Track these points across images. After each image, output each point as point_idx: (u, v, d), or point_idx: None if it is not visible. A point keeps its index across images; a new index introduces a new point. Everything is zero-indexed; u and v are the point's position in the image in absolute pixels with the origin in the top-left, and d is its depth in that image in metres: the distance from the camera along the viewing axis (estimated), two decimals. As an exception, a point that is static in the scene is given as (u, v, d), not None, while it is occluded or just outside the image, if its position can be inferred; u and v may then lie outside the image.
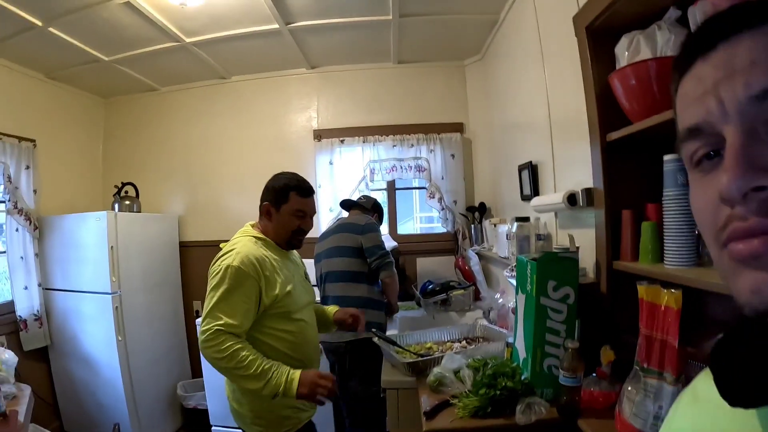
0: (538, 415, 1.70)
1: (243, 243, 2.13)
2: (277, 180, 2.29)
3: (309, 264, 2.96)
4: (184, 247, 4.70)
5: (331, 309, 2.61)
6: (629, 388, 1.51)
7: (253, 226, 2.32)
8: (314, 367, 2.20)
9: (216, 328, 1.90)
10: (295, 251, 2.44)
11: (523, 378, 1.89)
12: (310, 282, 2.48)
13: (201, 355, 2.02)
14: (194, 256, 4.68)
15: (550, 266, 1.83)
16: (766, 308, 0.45)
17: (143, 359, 4.04)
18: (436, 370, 2.14)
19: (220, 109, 4.71)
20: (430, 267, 4.31)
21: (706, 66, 0.50)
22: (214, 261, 2.11)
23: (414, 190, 4.98)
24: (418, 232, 5.13)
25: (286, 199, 2.22)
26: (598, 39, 1.88)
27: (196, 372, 4.58)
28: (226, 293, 1.96)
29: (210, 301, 1.98)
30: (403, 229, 4.90)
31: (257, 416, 2.09)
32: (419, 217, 5.48)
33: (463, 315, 3.49)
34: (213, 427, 3.91)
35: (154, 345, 4.23)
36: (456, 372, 2.09)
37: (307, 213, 2.28)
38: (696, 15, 1.32)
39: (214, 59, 4.19)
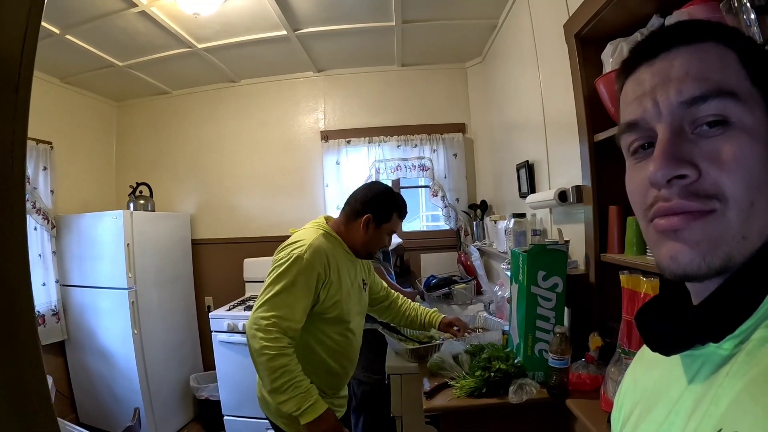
0: (529, 395, 1.82)
1: (315, 236, 2.06)
2: (384, 196, 2.22)
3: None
4: (196, 244, 4.83)
5: (436, 315, 2.62)
6: (612, 370, 1.64)
7: (327, 220, 2.25)
8: (349, 376, 2.23)
9: (275, 319, 1.86)
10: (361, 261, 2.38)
11: (516, 362, 2.01)
12: (365, 290, 2.40)
13: (247, 340, 1.92)
14: (206, 253, 4.83)
15: (540, 257, 1.95)
16: (681, 273, 0.58)
17: (157, 352, 4.17)
18: (436, 355, 2.26)
19: (230, 112, 4.84)
20: (433, 262, 4.45)
21: (647, 71, 0.62)
22: (281, 248, 2.05)
23: (420, 189, 5.07)
24: (425, 229, 5.23)
25: (389, 218, 2.18)
26: (586, 45, 2.01)
27: (208, 365, 4.74)
28: (290, 284, 1.91)
29: (272, 288, 1.91)
30: (410, 226, 5.02)
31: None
32: (426, 216, 5.56)
33: (465, 308, 3.59)
34: (225, 417, 4.05)
35: (168, 339, 4.35)
36: (455, 357, 2.21)
37: (395, 233, 2.29)
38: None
39: (225, 64, 4.31)
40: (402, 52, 4.29)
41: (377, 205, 2.16)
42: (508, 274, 2.46)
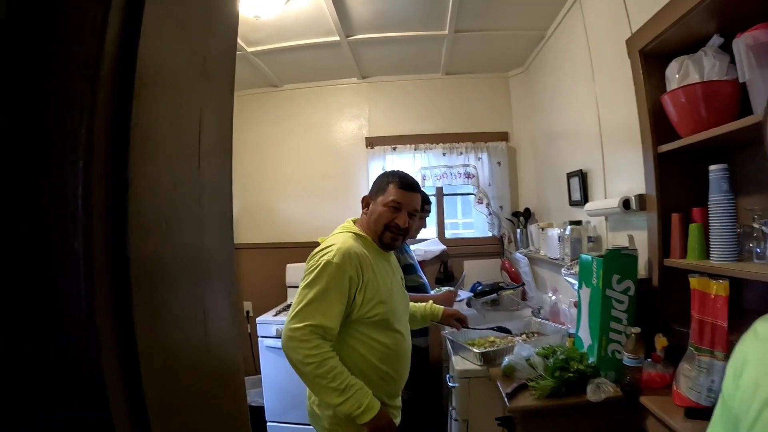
0: (606, 394, 1.99)
1: (344, 239, 2.07)
2: (381, 175, 2.28)
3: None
4: (237, 248, 4.91)
5: (438, 307, 2.64)
6: (685, 366, 1.82)
7: (354, 222, 2.26)
8: (403, 380, 2.23)
9: (310, 328, 1.86)
10: (392, 254, 2.38)
11: (590, 362, 2.19)
12: (404, 287, 2.41)
13: (285, 354, 1.94)
14: (247, 258, 4.96)
15: (615, 262, 2.15)
16: None
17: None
18: (508, 358, 2.40)
19: (272, 116, 5.01)
20: (476, 269, 4.60)
21: None
22: (311, 256, 2.04)
23: (457, 196, 5.26)
24: (459, 236, 5.38)
25: (384, 190, 2.15)
26: (649, 61, 2.20)
27: (248, 370, 4.89)
28: (322, 292, 1.90)
29: (304, 297, 1.91)
30: (450, 233, 5.15)
31: (337, 424, 2.03)
32: (460, 223, 5.73)
33: (512, 314, 3.78)
34: (269, 423, 4.13)
35: (210, 343, 4.50)
36: (527, 359, 2.35)
37: (403, 206, 2.14)
38: (740, 47, 1.63)
39: (269, 68, 4.47)
40: (448, 61, 4.44)
41: (374, 183, 2.25)
42: (569, 280, 2.66)
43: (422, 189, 3.15)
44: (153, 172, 0.61)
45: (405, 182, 2.18)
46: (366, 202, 2.24)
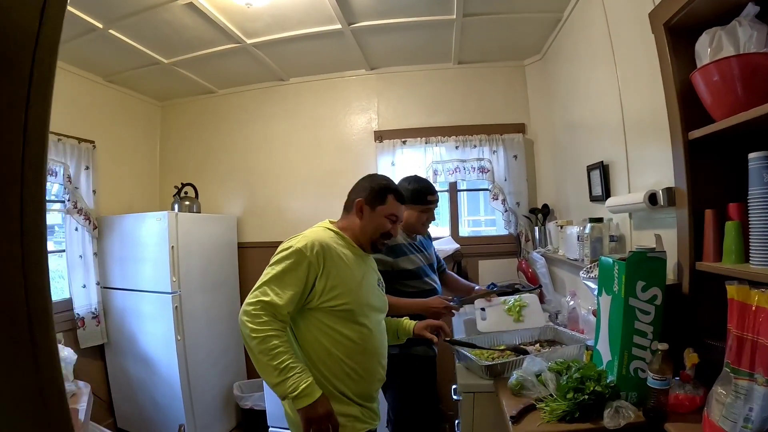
0: (626, 420, 1.74)
1: (315, 231, 2.16)
2: (373, 180, 2.31)
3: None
4: (242, 248, 4.91)
5: (407, 321, 2.56)
6: (719, 390, 1.54)
7: (332, 222, 2.31)
8: (375, 379, 2.20)
9: (262, 304, 1.91)
10: (371, 257, 2.40)
11: (608, 381, 1.93)
12: (383, 290, 2.41)
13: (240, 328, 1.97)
14: (252, 257, 4.89)
15: (639, 266, 1.88)
16: None
17: (200, 359, 4.22)
18: (517, 373, 2.18)
19: (278, 111, 4.90)
20: (492, 269, 4.42)
21: None
22: (282, 243, 2.12)
23: (462, 192, 5.05)
24: (467, 234, 5.17)
25: (384, 200, 2.23)
26: (676, 36, 1.94)
27: (252, 373, 4.80)
28: (281, 273, 1.97)
29: (264, 277, 2.00)
30: (461, 231, 4.96)
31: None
32: (467, 221, 5.51)
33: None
34: (270, 428, 4.06)
35: (212, 345, 4.40)
36: (537, 375, 2.13)
37: (398, 219, 2.30)
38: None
39: (274, 61, 4.35)
40: (459, 49, 4.27)
41: (366, 188, 2.26)
42: (588, 284, 2.40)
43: (430, 182, 3.12)
44: None
45: (401, 195, 2.31)
46: (361, 206, 2.24)
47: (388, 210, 2.24)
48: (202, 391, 4.22)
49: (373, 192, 2.24)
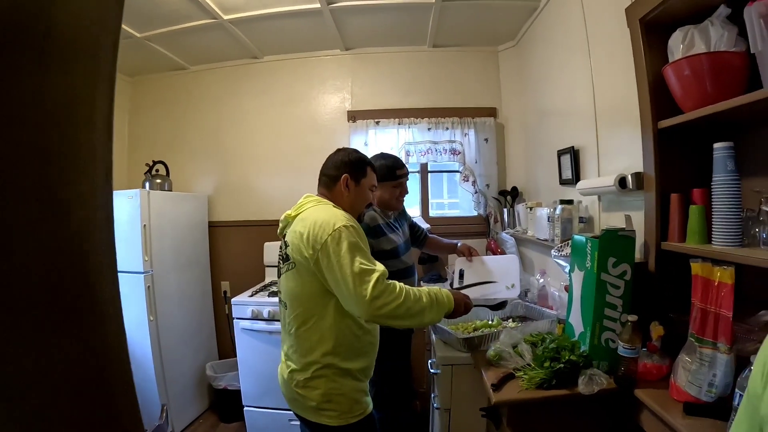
0: (600, 386, 1.89)
1: (330, 210, 2.08)
2: (349, 154, 2.31)
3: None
4: (213, 227, 4.90)
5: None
6: (685, 358, 1.73)
7: (322, 197, 2.25)
8: (377, 351, 2.25)
9: (375, 279, 1.85)
10: None
11: (581, 351, 2.08)
12: None
13: (376, 320, 1.90)
14: (223, 236, 4.90)
15: (611, 244, 2.04)
16: None
17: (173, 340, 4.21)
18: (495, 345, 2.31)
19: (252, 90, 4.89)
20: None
21: None
22: (310, 238, 1.96)
23: (443, 174, 5.17)
24: (445, 215, 5.29)
25: (364, 173, 2.29)
26: (650, 31, 2.08)
27: (223, 353, 4.85)
28: (354, 248, 1.91)
29: (348, 265, 1.88)
30: (431, 212, 5.07)
31: (328, 400, 2.01)
32: (433, 203, 5.60)
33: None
34: (245, 408, 4.03)
35: (184, 325, 4.40)
36: (514, 347, 2.26)
37: (375, 187, 2.40)
38: (752, 15, 1.51)
39: (249, 38, 4.34)
40: (435, 33, 4.34)
41: (346, 163, 2.27)
42: (560, 262, 2.56)
43: (396, 156, 3.21)
44: None
45: (373, 165, 2.39)
46: (347, 181, 2.24)
47: (370, 181, 2.33)
48: (176, 373, 4.22)
49: (354, 165, 2.27)
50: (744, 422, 0.89)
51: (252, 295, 4.10)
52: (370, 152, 4.43)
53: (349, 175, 2.24)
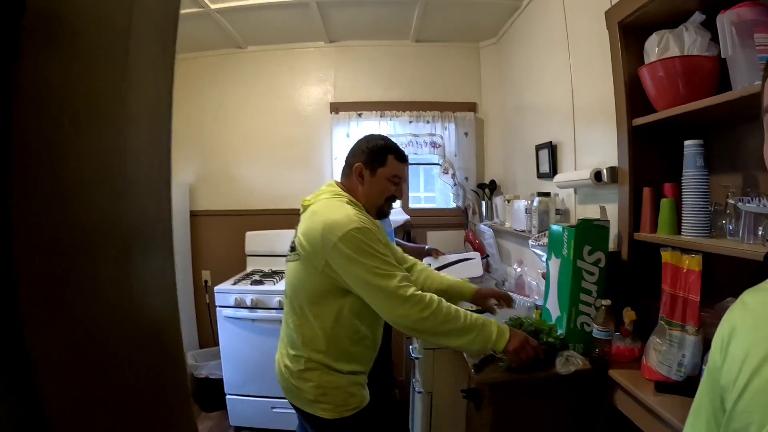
0: (576, 366, 2.00)
1: (341, 209, 1.96)
2: (370, 141, 2.14)
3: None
4: (194, 215, 4.89)
5: (466, 285, 2.54)
6: (656, 340, 1.86)
7: (338, 185, 2.14)
8: (378, 346, 2.19)
9: (402, 284, 1.81)
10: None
11: (558, 334, 2.20)
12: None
13: (411, 332, 1.89)
14: (204, 225, 4.89)
15: (587, 232, 2.16)
16: None
17: (155, 331, 4.21)
18: None
19: (235, 79, 4.89)
20: (440, 240, 4.65)
21: None
22: (318, 241, 1.88)
23: (420, 167, 5.25)
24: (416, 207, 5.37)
25: (384, 162, 2.09)
26: (628, 33, 2.20)
27: (204, 342, 4.87)
28: (370, 255, 1.83)
29: (366, 275, 1.81)
30: (415, 204, 5.17)
31: (323, 393, 1.95)
32: (423, 197, 5.71)
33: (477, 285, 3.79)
34: (228, 396, 4.04)
35: (165, 315, 4.40)
36: None
37: (402, 179, 2.16)
38: (724, 23, 1.64)
39: (235, 28, 4.35)
40: (418, 28, 4.41)
41: (364, 151, 2.11)
42: (537, 251, 2.69)
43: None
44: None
45: (402, 154, 2.16)
46: (360, 171, 2.09)
47: (390, 171, 2.10)
48: (158, 364, 4.21)
49: (372, 153, 2.09)
50: (706, 393, 0.96)
51: (235, 284, 4.10)
52: (352, 144, 4.52)
53: (363, 164, 2.09)
